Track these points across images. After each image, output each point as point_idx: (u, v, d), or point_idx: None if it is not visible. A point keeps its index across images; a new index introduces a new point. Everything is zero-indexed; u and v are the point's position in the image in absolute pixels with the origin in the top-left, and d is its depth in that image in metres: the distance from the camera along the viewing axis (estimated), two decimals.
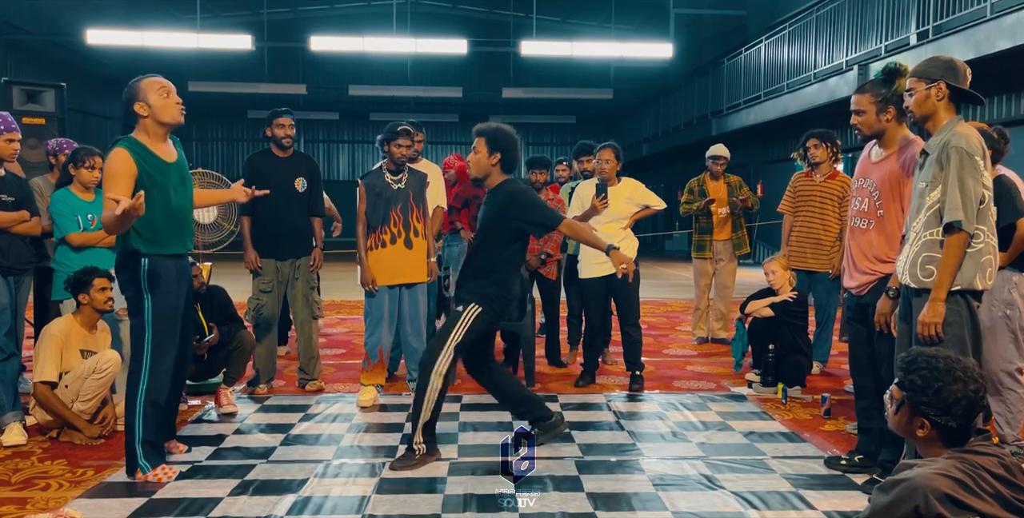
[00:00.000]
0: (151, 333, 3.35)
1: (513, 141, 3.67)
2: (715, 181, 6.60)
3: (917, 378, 1.90)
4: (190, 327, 3.68)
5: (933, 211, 2.88)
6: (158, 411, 3.41)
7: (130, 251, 3.34)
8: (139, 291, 3.33)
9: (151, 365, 3.36)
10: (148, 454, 3.40)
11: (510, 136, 3.67)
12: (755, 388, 5.09)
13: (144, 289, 3.33)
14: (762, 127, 14.59)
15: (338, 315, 8.57)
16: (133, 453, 3.39)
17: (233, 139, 26.68)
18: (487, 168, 3.67)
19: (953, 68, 2.93)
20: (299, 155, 5.12)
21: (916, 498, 1.74)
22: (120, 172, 3.25)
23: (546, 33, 21.30)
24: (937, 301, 2.82)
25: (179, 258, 3.47)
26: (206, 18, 19.10)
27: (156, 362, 3.37)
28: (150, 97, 3.35)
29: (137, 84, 3.39)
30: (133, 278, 3.34)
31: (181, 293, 3.45)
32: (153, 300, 3.34)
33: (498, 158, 3.64)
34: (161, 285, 3.34)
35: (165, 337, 3.38)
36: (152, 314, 3.34)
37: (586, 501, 3.16)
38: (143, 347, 3.36)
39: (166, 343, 3.38)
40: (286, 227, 4.93)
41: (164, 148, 3.42)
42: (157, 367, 3.37)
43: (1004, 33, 7.68)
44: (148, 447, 3.40)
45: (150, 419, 3.38)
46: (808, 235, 5.33)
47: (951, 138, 2.84)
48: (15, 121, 4.19)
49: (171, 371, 3.44)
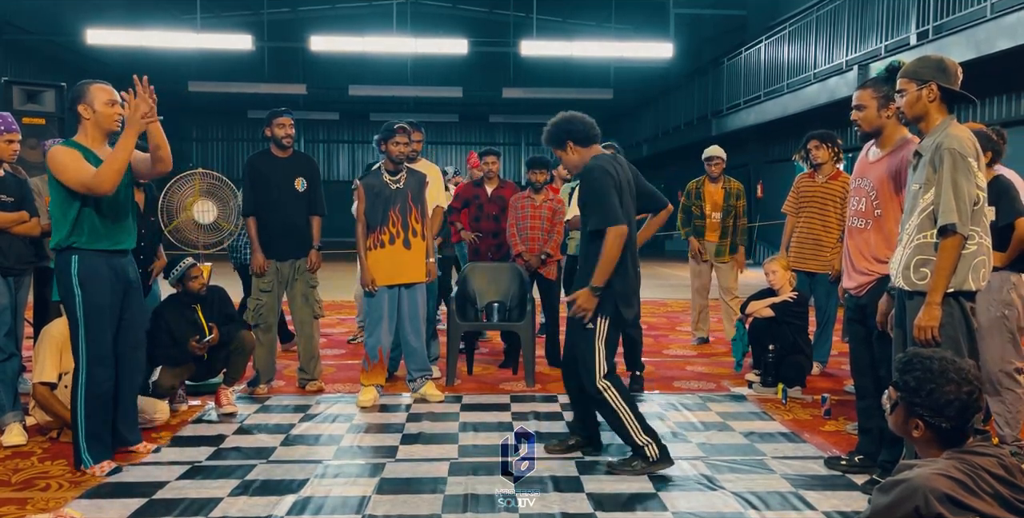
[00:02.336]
0: (83, 330, 3.43)
1: (566, 120, 3.67)
2: (714, 184, 6.50)
3: (911, 379, 1.91)
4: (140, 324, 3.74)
5: (927, 213, 2.87)
6: (103, 405, 3.49)
7: (63, 248, 3.42)
8: (70, 287, 3.41)
9: (88, 360, 3.44)
10: (92, 448, 3.47)
11: (560, 119, 3.68)
12: (755, 388, 5.09)
13: (75, 285, 3.40)
14: (762, 127, 14.60)
15: (338, 315, 8.57)
16: (78, 447, 3.47)
17: (233, 139, 26.67)
18: (577, 159, 3.68)
19: (944, 68, 2.91)
20: (298, 155, 5.12)
21: (916, 498, 1.74)
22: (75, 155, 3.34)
23: (546, 33, 21.28)
24: (933, 305, 2.81)
25: (114, 255, 3.52)
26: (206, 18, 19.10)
27: (92, 357, 3.44)
28: (96, 104, 3.42)
29: (87, 86, 3.44)
30: (64, 275, 3.42)
31: (117, 290, 3.52)
32: (84, 297, 3.41)
33: (572, 144, 3.64)
34: (93, 282, 3.42)
35: (99, 333, 3.45)
36: (84, 310, 3.41)
37: (586, 501, 3.16)
38: (79, 343, 3.44)
39: (100, 339, 3.46)
40: (286, 227, 4.93)
41: (103, 151, 3.47)
42: (94, 362, 3.45)
43: (1004, 33, 7.68)
44: (92, 441, 3.47)
45: (93, 413, 3.46)
46: (809, 236, 5.30)
47: (944, 140, 2.83)
48: (15, 122, 4.19)
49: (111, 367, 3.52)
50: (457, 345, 5.32)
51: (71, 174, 3.30)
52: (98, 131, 3.45)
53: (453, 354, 5.27)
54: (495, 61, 23.63)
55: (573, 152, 3.65)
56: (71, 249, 3.41)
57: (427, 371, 4.90)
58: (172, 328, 4.38)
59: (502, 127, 27.20)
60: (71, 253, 3.41)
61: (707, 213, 6.47)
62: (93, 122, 3.43)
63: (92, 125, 3.43)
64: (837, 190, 5.21)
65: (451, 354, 5.26)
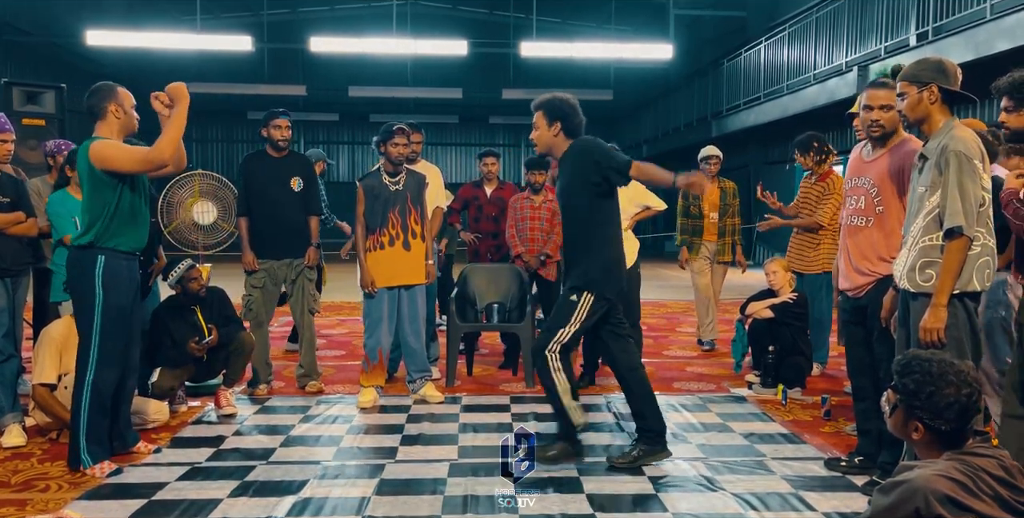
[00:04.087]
0: (99, 331, 3.42)
1: (570, 106, 3.63)
2: (710, 184, 6.52)
3: (910, 382, 1.91)
4: (138, 326, 3.74)
5: (932, 216, 2.87)
6: (104, 407, 3.48)
7: (87, 245, 3.41)
8: (92, 287, 3.39)
9: (98, 361, 3.42)
10: (91, 449, 3.46)
11: (566, 102, 3.63)
12: (755, 389, 5.09)
13: (98, 285, 3.39)
14: (762, 128, 14.60)
15: (337, 316, 8.57)
16: (77, 447, 3.45)
17: (233, 140, 26.65)
18: (550, 140, 3.65)
19: (943, 70, 2.92)
20: (294, 155, 5.14)
21: (917, 500, 1.74)
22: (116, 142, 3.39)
23: (546, 34, 21.29)
24: (939, 306, 2.80)
25: (131, 257, 3.54)
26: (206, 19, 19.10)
27: (103, 359, 3.43)
28: (126, 105, 3.48)
29: (116, 88, 3.49)
30: (85, 274, 3.40)
31: (131, 292, 3.53)
32: (105, 297, 3.41)
33: (559, 127, 3.62)
34: (116, 284, 3.42)
35: (113, 336, 3.45)
36: (102, 311, 3.41)
37: (586, 502, 3.16)
38: (91, 344, 3.42)
39: (114, 341, 3.45)
40: (282, 227, 4.93)
41: None
42: (104, 364, 3.44)
43: (1004, 34, 7.68)
44: (92, 442, 3.46)
45: (95, 414, 3.45)
46: (799, 236, 5.35)
47: (949, 142, 2.83)
48: (8, 121, 4.19)
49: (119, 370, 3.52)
50: (457, 346, 5.32)
51: (126, 157, 3.34)
52: (124, 132, 3.50)
53: (453, 355, 5.26)
54: (495, 62, 23.63)
55: (555, 134, 3.64)
56: (97, 248, 3.40)
57: (427, 372, 4.90)
58: (171, 329, 4.38)
59: (502, 128, 27.17)
60: (98, 252, 3.40)
61: (706, 213, 6.46)
62: (123, 122, 3.48)
63: (120, 125, 3.48)
64: (820, 189, 5.27)
65: (451, 355, 5.26)
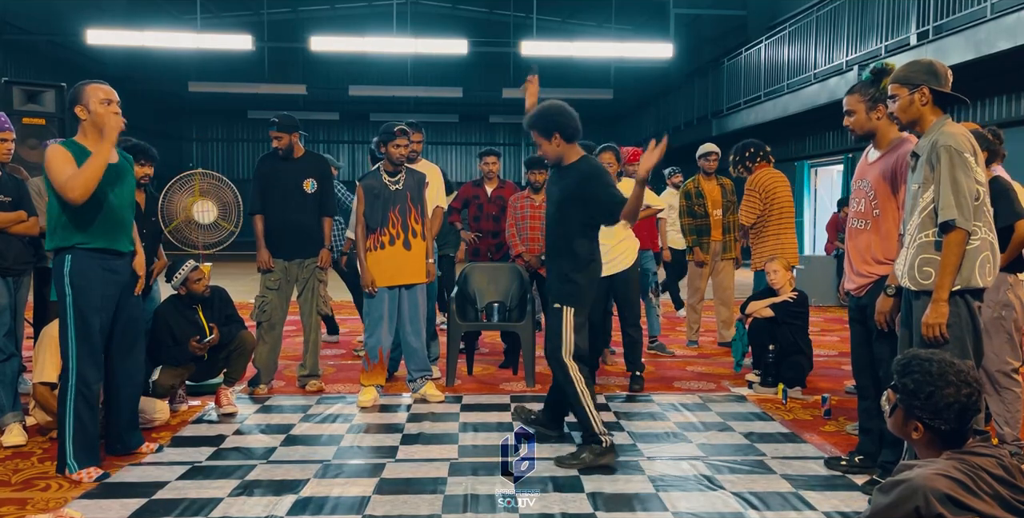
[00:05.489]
0: (73, 330, 3.39)
1: (559, 112, 3.65)
2: (709, 181, 6.55)
3: (910, 382, 1.91)
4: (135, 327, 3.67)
5: (927, 213, 2.87)
6: (90, 408, 3.43)
7: (58, 248, 3.40)
8: (62, 287, 3.38)
9: (77, 361, 3.39)
10: (78, 453, 3.41)
11: (553, 109, 3.66)
12: (755, 389, 5.09)
13: (66, 285, 3.37)
14: (762, 127, 14.58)
15: (338, 316, 8.56)
16: (63, 452, 3.41)
17: (233, 139, 26.61)
18: (557, 152, 3.69)
19: (934, 72, 2.92)
20: (309, 155, 5.11)
21: (917, 499, 1.74)
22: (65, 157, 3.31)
23: (546, 33, 21.30)
24: (940, 301, 2.81)
25: (109, 256, 3.47)
26: (206, 18, 19.11)
27: (82, 358, 3.39)
28: (91, 104, 3.39)
29: (82, 88, 3.42)
30: (57, 274, 3.40)
31: (109, 292, 3.47)
32: (74, 296, 3.38)
33: (559, 137, 3.65)
34: (83, 282, 3.38)
35: (88, 335, 3.40)
36: (73, 310, 3.38)
37: (586, 502, 3.17)
38: (68, 344, 3.39)
39: (89, 341, 3.41)
40: (294, 228, 4.94)
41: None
42: (83, 363, 3.40)
43: (1004, 33, 7.68)
44: (79, 445, 3.41)
45: (81, 416, 3.41)
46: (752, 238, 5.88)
47: (939, 137, 2.84)
48: (8, 120, 4.19)
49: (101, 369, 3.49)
50: (457, 345, 5.32)
51: (53, 174, 3.28)
52: (96, 131, 3.40)
53: (453, 354, 5.27)
54: (495, 61, 23.64)
55: (558, 145, 3.67)
56: (65, 249, 3.40)
57: (427, 371, 4.90)
58: (173, 328, 4.38)
59: (502, 127, 27.20)
60: (65, 253, 3.40)
61: (710, 211, 6.48)
62: (90, 122, 3.40)
63: (89, 125, 3.41)
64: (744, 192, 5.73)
65: (451, 354, 5.26)
